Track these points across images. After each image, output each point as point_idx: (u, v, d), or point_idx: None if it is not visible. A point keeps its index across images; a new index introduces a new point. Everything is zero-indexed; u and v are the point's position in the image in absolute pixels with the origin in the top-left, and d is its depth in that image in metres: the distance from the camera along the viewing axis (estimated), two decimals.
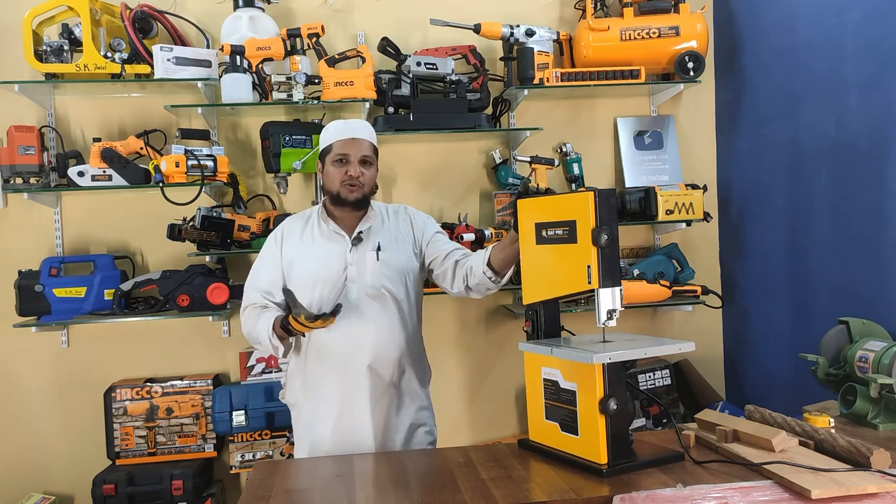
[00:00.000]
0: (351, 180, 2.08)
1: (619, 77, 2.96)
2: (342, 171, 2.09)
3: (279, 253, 2.14)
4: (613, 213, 1.60)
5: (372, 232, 2.13)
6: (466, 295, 2.14)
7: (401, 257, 2.13)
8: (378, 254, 2.09)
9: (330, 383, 2.07)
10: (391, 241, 2.14)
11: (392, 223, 2.19)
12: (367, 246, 2.11)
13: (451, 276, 2.13)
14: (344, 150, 2.10)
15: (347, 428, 2.07)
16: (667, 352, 1.67)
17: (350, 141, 2.11)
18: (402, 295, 2.11)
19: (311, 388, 2.11)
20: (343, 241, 2.11)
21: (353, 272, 2.07)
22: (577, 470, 1.59)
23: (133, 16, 2.80)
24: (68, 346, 3.03)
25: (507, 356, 3.23)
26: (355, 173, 2.08)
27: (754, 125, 3.02)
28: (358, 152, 2.10)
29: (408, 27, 3.13)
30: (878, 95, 2.28)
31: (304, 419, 2.13)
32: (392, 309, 2.10)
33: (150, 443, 2.89)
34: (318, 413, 2.09)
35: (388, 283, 2.09)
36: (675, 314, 3.30)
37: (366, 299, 2.06)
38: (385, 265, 2.09)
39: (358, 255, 2.09)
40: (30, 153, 2.77)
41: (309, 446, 2.11)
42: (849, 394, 1.96)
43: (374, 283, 2.07)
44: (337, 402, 2.07)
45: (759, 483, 1.45)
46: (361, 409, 2.06)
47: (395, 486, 1.59)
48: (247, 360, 2.97)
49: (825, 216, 2.56)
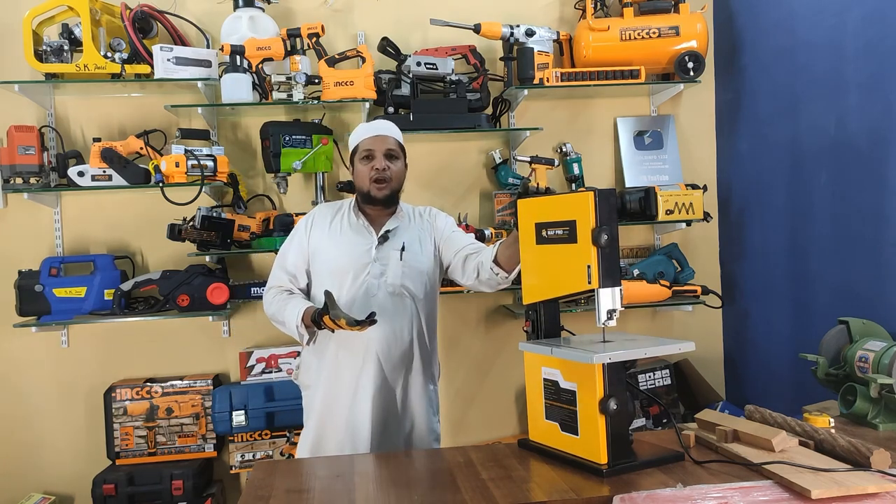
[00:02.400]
0: (378, 174, 2.16)
1: (618, 77, 2.96)
2: (369, 167, 2.17)
3: (307, 238, 2.23)
4: (613, 212, 1.60)
5: (398, 232, 2.22)
6: (478, 287, 2.20)
7: (423, 258, 2.21)
8: (402, 254, 2.17)
9: (342, 368, 2.15)
10: (415, 242, 2.22)
11: (417, 225, 2.28)
12: (392, 245, 2.19)
13: (461, 269, 2.20)
14: (370, 146, 2.18)
15: (353, 415, 2.14)
16: (667, 352, 1.67)
17: (375, 138, 2.20)
18: (420, 294, 2.19)
19: (325, 371, 2.18)
20: (370, 237, 2.19)
21: (377, 269, 2.15)
22: (577, 470, 1.59)
23: (133, 16, 2.80)
24: (68, 346, 3.03)
25: (507, 356, 3.24)
26: (381, 165, 2.16)
27: (754, 125, 3.02)
28: (383, 146, 2.18)
29: (408, 27, 3.13)
30: (878, 95, 2.28)
31: (315, 401, 2.20)
32: (409, 306, 2.17)
33: (150, 443, 2.89)
34: (330, 397, 2.17)
35: (409, 282, 2.17)
36: (675, 314, 3.30)
37: (385, 294, 2.14)
38: (407, 265, 2.17)
39: (383, 253, 2.17)
40: (30, 153, 2.77)
41: (315, 427, 2.19)
42: (849, 394, 1.96)
43: (394, 282, 2.15)
44: (344, 387, 2.14)
45: (759, 483, 1.44)
46: (362, 398, 2.13)
47: (395, 486, 1.59)
48: (247, 360, 2.97)
49: (825, 216, 2.56)
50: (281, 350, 2.97)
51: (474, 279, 2.15)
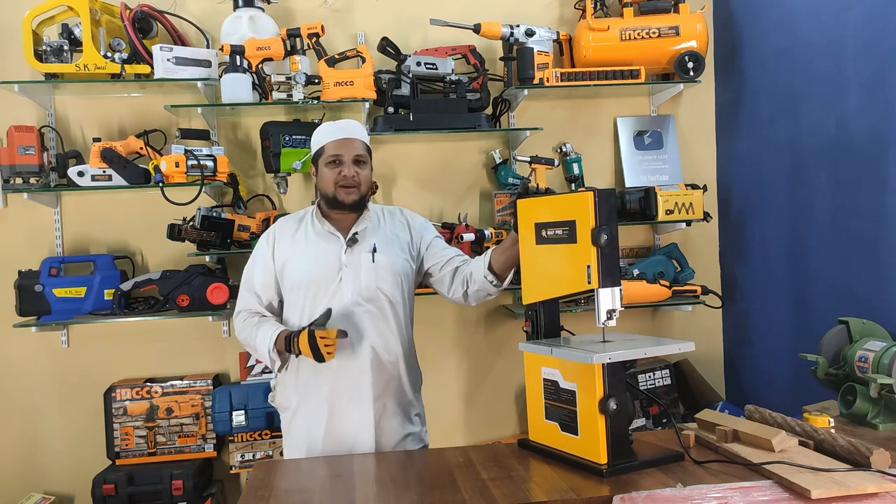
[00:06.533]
0: (346, 181, 2.06)
1: (618, 77, 2.96)
2: (336, 173, 2.07)
3: (271, 254, 2.13)
4: (613, 212, 1.60)
5: (368, 233, 2.11)
6: (463, 302, 2.14)
7: (396, 259, 2.11)
8: (374, 255, 2.07)
9: (324, 387, 2.04)
10: (387, 243, 2.12)
11: (388, 224, 2.18)
12: (363, 247, 2.08)
13: (448, 282, 2.13)
14: (337, 151, 2.08)
15: (340, 431, 2.04)
16: (667, 352, 1.67)
17: (342, 141, 2.09)
18: (397, 297, 2.09)
19: (304, 392, 2.07)
20: (338, 241, 2.09)
21: (348, 273, 2.05)
22: (576, 470, 1.59)
23: (133, 16, 2.80)
24: (68, 346, 3.03)
25: (506, 356, 3.23)
26: (349, 173, 2.07)
27: (754, 125, 3.02)
28: (351, 152, 2.08)
29: (408, 27, 3.13)
30: (878, 95, 2.28)
31: (298, 423, 2.10)
32: (387, 311, 2.08)
33: (150, 443, 2.89)
34: (311, 417, 2.06)
35: (384, 284, 2.07)
36: (675, 314, 3.30)
37: (360, 301, 2.05)
38: (380, 267, 2.07)
39: (353, 257, 2.07)
40: (30, 153, 2.77)
41: (305, 449, 2.07)
42: (849, 394, 1.96)
43: (368, 285, 2.05)
44: (330, 405, 2.04)
45: (759, 483, 1.45)
46: (353, 413, 2.04)
47: (395, 485, 1.59)
48: (247, 360, 2.97)
49: (825, 216, 2.56)
50: None
51: (461, 293, 2.09)
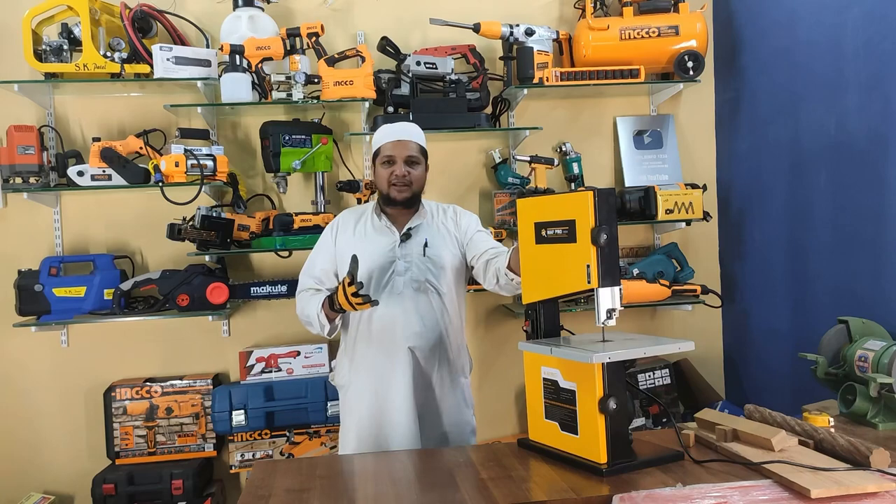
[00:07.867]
0: (397, 180, 2.21)
1: (618, 76, 2.96)
2: (389, 172, 2.22)
3: (333, 243, 2.29)
4: (613, 212, 1.60)
5: (421, 229, 2.27)
6: (499, 291, 2.22)
7: (445, 253, 2.26)
8: (425, 249, 2.23)
9: (374, 365, 2.21)
10: (438, 238, 2.27)
11: (440, 221, 2.33)
12: (415, 242, 2.25)
13: (482, 273, 2.24)
14: (390, 152, 2.23)
15: (387, 409, 2.19)
16: (666, 351, 1.67)
17: (397, 143, 2.23)
18: (444, 288, 2.24)
19: (357, 370, 2.25)
20: (393, 235, 2.25)
21: (401, 265, 2.22)
22: (576, 469, 1.59)
23: (132, 15, 2.80)
24: (68, 345, 3.03)
25: (506, 356, 3.23)
26: (401, 173, 2.21)
27: (754, 125, 3.02)
28: (404, 152, 2.22)
29: (407, 27, 3.13)
30: (878, 95, 2.28)
31: (350, 399, 2.26)
32: (435, 300, 2.23)
33: (150, 442, 2.89)
34: (362, 393, 2.22)
35: (433, 277, 2.23)
36: (674, 314, 3.30)
37: (410, 291, 2.20)
38: (430, 261, 2.23)
39: (406, 250, 2.23)
40: (29, 153, 2.77)
41: (355, 425, 2.23)
42: (848, 393, 1.96)
43: (418, 277, 2.21)
44: (379, 384, 2.20)
45: (759, 482, 1.45)
46: (400, 392, 2.18)
47: (395, 485, 1.59)
48: (246, 359, 2.96)
49: (825, 216, 2.56)
50: (280, 350, 2.97)
51: (494, 284, 2.18)
